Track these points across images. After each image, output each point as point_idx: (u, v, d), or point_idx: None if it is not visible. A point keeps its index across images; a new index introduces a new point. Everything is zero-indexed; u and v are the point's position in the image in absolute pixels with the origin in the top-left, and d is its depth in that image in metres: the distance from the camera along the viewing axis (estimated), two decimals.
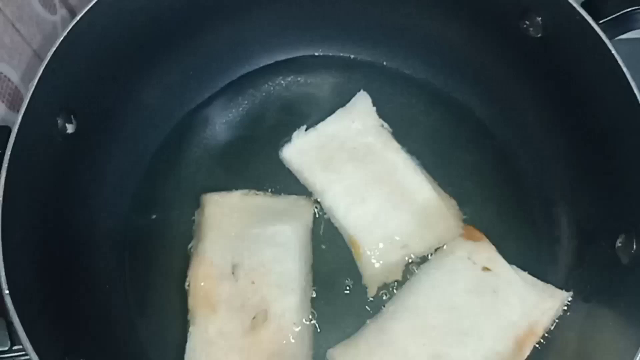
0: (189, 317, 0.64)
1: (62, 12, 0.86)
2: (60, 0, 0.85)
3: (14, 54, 0.71)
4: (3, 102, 0.68)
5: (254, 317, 0.63)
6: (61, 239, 0.60)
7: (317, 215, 0.71)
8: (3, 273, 0.49)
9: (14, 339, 0.49)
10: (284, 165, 0.74)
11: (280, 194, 0.72)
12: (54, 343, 0.50)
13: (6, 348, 0.48)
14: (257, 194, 0.71)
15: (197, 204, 0.71)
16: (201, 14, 0.72)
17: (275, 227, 0.68)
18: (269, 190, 0.72)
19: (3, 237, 0.50)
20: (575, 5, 0.59)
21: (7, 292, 0.48)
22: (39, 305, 0.52)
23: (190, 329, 0.63)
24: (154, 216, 0.72)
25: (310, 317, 0.66)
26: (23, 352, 0.48)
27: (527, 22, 0.65)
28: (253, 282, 0.64)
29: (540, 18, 0.64)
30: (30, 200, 0.56)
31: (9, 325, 0.49)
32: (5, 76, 0.69)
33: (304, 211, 0.71)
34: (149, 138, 0.75)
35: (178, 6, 0.69)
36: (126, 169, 0.72)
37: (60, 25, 0.85)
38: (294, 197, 0.72)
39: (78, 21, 0.60)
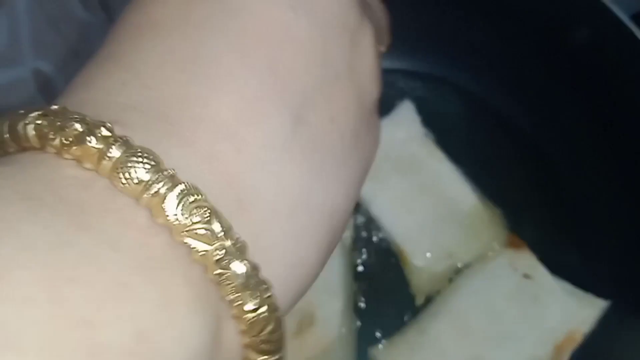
0: None
1: (102, 14, 0.89)
2: (99, 3, 0.89)
3: (56, 54, 0.73)
4: (45, 99, 0.70)
5: (299, 321, 0.65)
6: None
7: (358, 224, 0.72)
8: None
9: None
10: None
11: None
12: None
13: None
14: None
15: None
16: None
17: None
18: None
19: None
20: (624, 18, 0.60)
21: None
22: None
23: None
24: None
25: (356, 322, 0.68)
26: None
27: (574, 34, 0.66)
28: None
29: (587, 30, 0.65)
30: None
31: None
32: (47, 74, 0.71)
33: None
34: None
35: None
36: None
37: (100, 27, 0.88)
38: None
39: None
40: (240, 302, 0.20)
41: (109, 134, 0.19)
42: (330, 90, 0.25)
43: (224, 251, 0.19)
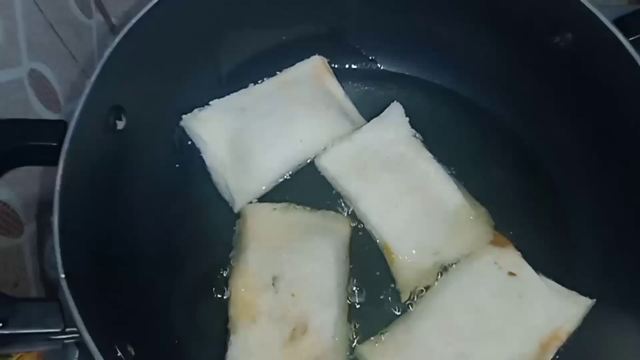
0: (228, 325, 0.65)
1: (98, 17, 0.90)
2: (96, 6, 0.89)
3: (52, 55, 0.75)
4: (40, 100, 0.71)
5: (293, 329, 0.64)
6: (109, 231, 0.63)
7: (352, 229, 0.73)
8: (60, 258, 0.51)
9: (66, 322, 0.51)
10: (319, 173, 0.76)
11: (318, 209, 0.73)
12: (103, 327, 0.52)
13: (60, 329, 0.50)
14: (296, 208, 0.73)
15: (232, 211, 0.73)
16: (238, 23, 0.76)
17: (315, 241, 0.70)
18: (304, 198, 0.74)
19: (60, 225, 0.52)
20: (606, 22, 0.62)
21: (63, 276, 0.50)
22: (90, 292, 0.54)
23: (231, 338, 0.64)
24: (191, 219, 0.73)
25: (350, 327, 0.67)
26: (76, 334, 0.50)
27: (559, 38, 0.68)
28: (293, 295, 0.66)
29: (571, 34, 0.66)
30: (83, 191, 0.58)
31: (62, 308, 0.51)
32: (43, 76, 0.72)
33: (342, 227, 0.73)
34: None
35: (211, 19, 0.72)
36: (167, 168, 0.74)
37: (95, 29, 0.88)
38: (332, 213, 0.74)
39: (132, 26, 0.63)
40: None
41: None
42: None
43: None
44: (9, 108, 0.65)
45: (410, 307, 0.68)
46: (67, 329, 0.50)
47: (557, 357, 0.65)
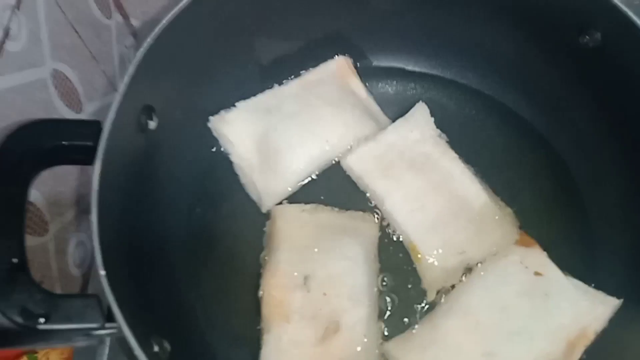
0: (261, 325, 0.66)
1: (117, 17, 0.91)
2: (115, 6, 0.90)
3: (73, 55, 0.75)
4: (62, 100, 0.72)
5: (326, 328, 0.65)
6: (142, 231, 0.63)
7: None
8: (100, 256, 0.52)
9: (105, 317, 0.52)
10: (344, 173, 0.77)
11: (345, 209, 0.74)
12: (140, 323, 0.53)
13: (99, 325, 0.51)
14: (324, 209, 0.74)
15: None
16: (263, 26, 0.76)
17: (344, 241, 0.70)
18: (330, 198, 0.75)
19: (99, 223, 0.53)
20: (638, 21, 0.61)
21: (103, 272, 0.51)
22: (128, 289, 0.55)
23: (265, 337, 0.65)
24: (221, 219, 0.74)
25: (379, 326, 0.68)
26: (114, 329, 0.51)
27: (587, 36, 0.67)
28: (325, 294, 0.66)
29: (600, 33, 0.66)
30: (118, 190, 0.59)
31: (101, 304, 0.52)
32: (65, 76, 0.73)
33: (370, 226, 0.73)
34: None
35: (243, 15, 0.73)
36: (196, 169, 0.75)
37: (115, 30, 0.90)
38: (360, 213, 0.74)
39: (162, 29, 0.64)
40: None
41: None
42: None
43: None
44: (33, 108, 0.66)
45: (437, 306, 0.69)
46: (107, 324, 0.51)
47: (584, 356, 0.66)
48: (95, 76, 0.83)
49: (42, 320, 0.49)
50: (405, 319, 0.69)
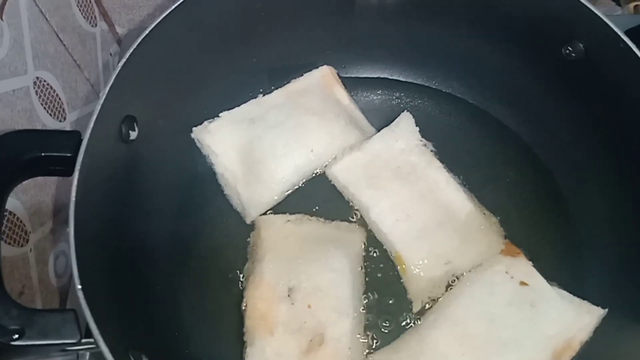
0: (245, 337, 0.65)
1: (102, 25, 0.90)
2: (100, 14, 0.90)
3: (56, 63, 0.75)
4: (45, 109, 0.72)
5: (310, 340, 0.64)
6: (123, 242, 0.63)
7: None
8: (76, 269, 0.51)
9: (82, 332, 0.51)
10: (329, 183, 0.76)
11: (330, 219, 0.74)
12: (119, 337, 0.52)
13: (76, 340, 0.50)
14: (310, 219, 0.73)
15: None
16: (246, 36, 0.76)
17: (330, 252, 0.69)
18: (315, 208, 0.74)
19: (76, 235, 0.52)
20: (620, 33, 0.62)
21: (79, 287, 0.50)
22: (105, 302, 0.54)
23: (248, 349, 0.64)
24: (205, 231, 0.73)
25: (364, 338, 0.67)
26: (91, 345, 0.50)
27: (570, 48, 0.68)
28: (310, 306, 0.66)
29: (582, 44, 0.67)
30: (98, 201, 0.58)
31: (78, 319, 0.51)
32: (48, 84, 0.73)
33: (356, 237, 0.73)
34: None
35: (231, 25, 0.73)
36: (179, 179, 0.75)
37: (99, 37, 0.89)
38: (345, 224, 0.74)
39: (144, 37, 0.64)
40: None
41: None
42: None
43: None
44: (15, 116, 0.65)
45: (422, 317, 0.68)
46: (83, 340, 0.50)
47: None
48: (80, 84, 0.82)
49: (15, 336, 0.48)
50: (392, 331, 0.68)
